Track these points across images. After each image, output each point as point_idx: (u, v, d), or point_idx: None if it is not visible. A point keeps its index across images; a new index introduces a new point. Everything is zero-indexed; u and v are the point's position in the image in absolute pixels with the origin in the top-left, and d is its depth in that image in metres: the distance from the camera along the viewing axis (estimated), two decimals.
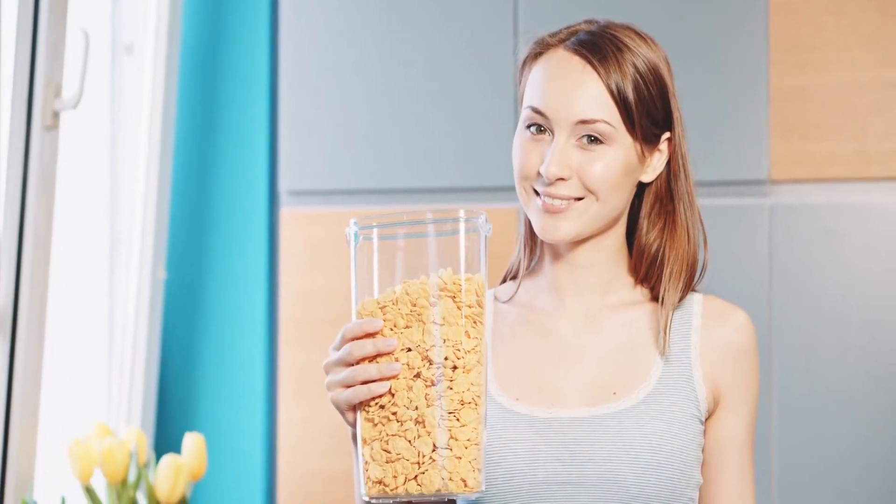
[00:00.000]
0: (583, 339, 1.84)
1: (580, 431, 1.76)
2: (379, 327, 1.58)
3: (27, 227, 2.69)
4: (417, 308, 1.57)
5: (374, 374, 1.58)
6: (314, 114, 3.23)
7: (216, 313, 3.31)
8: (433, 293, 1.57)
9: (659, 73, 1.78)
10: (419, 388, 1.57)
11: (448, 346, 1.57)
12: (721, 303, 1.86)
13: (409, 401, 1.57)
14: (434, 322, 1.57)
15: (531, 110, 1.76)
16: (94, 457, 2.80)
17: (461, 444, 1.56)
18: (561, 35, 1.79)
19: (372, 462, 1.58)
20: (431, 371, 1.56)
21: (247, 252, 3.30)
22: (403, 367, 1.57)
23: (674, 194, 1.84)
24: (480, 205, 3.15)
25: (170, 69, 3.23)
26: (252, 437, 3.27)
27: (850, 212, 3.00)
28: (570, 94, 1.74)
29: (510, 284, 1.91)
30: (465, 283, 1.58)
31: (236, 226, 3.31)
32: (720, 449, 1.82)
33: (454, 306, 1.58)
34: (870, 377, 2.96)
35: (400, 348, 1.57)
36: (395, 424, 1.57)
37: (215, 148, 3.33)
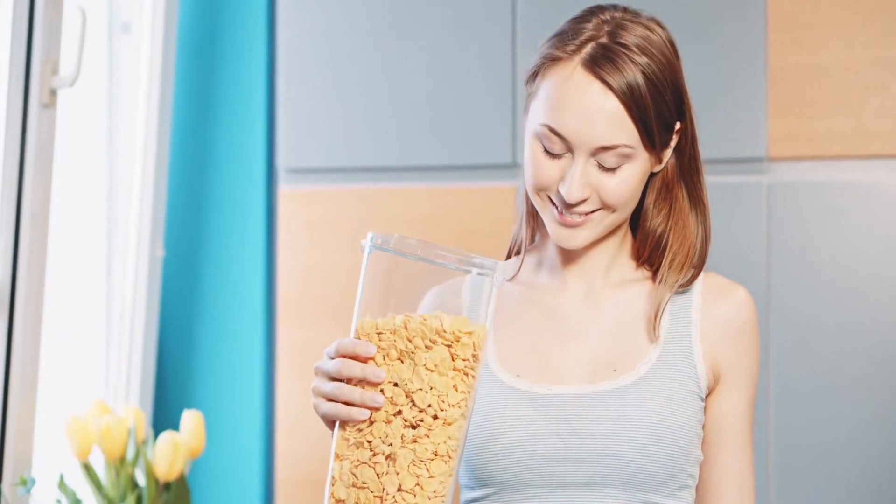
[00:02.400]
0: (584, 316, 1.84)
1: (580, 408, 1.76)
2: (371, 354, 1.57)
3: (24, 205, 2.69)
4: (412, 345, 1.56)
5: (356, 400, 1.57)
6: (312, 91, 3.22)
7: (214, 291, 3.31)
8: (430, 336, 1.56)
9: (672, 68, 1.76)
10: (397, 426, 1.56)
11: (433, 394, 1.55)
12: (721, 280, 1.86)
13: (386, 435, 1.56)
14: (425, 366, 1.56)
15: (548, 130, 1.73)
16: (92, 434, 2.81)
17: (426, 493, 1.55)
18: (573, 45, 1.74)
19: (339, 480, 1.58)
20: (412, 413, 1.56)
21: (245, 230, 3.30)
22: (386, 401, 1.56)
23: (681, 179, 1.83)
24: (478, 182, 3.15)
25: (167, 48, 3.23)
26: (250, 415, 3.27)
27: (848, 189, 2.99)
28: (591, 119, 1.71)
29: (513, 261, 1.91)
30: (466, 335, 1.56)
31: (234, 204, 3.31)
32: (720, 426, 1.82)
33: (448, 356, 1.56)
34: (868, 356, 2.96)
35: (388, 380, 1.56)
36: (368, 453, 1.57)
37: (213, 126, 3.33)
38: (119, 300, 3.21)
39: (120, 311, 3.21)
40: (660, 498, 1.77)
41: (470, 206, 3.14)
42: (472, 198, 3.14)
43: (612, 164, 1.73)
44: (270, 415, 3.28)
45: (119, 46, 3.24)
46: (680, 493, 1.79)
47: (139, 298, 3.21)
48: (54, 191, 2.78)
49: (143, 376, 3.21)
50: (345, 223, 3.19)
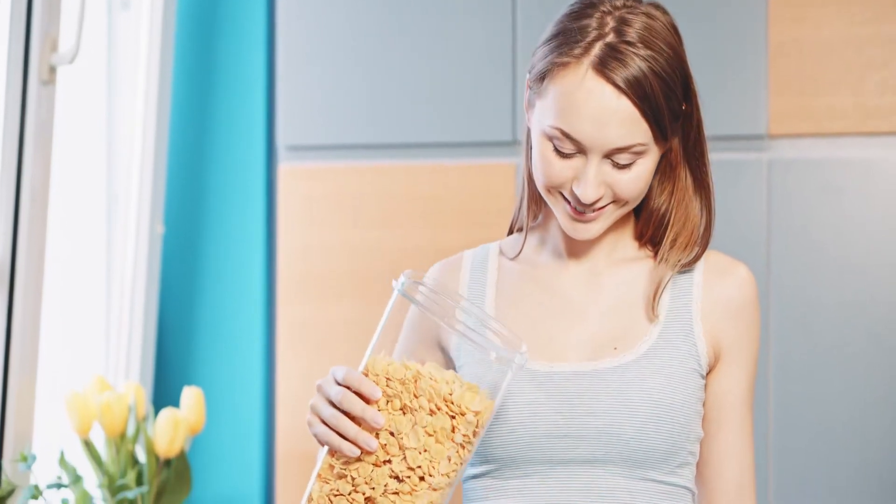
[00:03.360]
0: (585, 294, 1.84)
1: (581, 385, 1.76)
2: (376, 398, 1.57)
3: (24, 181, 2.68)
4: (417, 403, 1.55)
5: (350, 436, 1.57)
6: (312, 68, 3.22)
7: (214, 268, 3.31)
8: (436, 401, 1.56)
9: (678, 56, 1.75)
10: (384, 474, 1.56)
11: (426, 458, 1.55)
12: (723, 258, 1.86)
13: (371, 478, 1.56)
14: (425, 429, 1.56)
15: (561, 133, 1.72)
16: (92, 410, 2.81)
17: None
18: (580, 47, 1.72)
19: (315, 501, 1.59)
20: (401, 467, 1.55)
21: (244, 207, 3.30)
22: (379, 445, 1.56)
23: (686, 161, 1.83)
24: (478, 159, 3.15)
25: (166, 24, 3.22)
26: (250, 391, 3.27)
27: (848, 166, 2.99)
28: (605, 123, 1.70)
29: (516, 237, 1.91)
30: (472, 414, 1.55)
31: (234, 181, 3.31)
32: (720, 404, 1.82)
33: (449, 427, 1.55)
34: (868, 332, 2.96)
35: (385, 427, 1.56)
36: (349, 487, 1.57)
37: (213, 103, 3.32)
38: (119, 277, 3.21)
39: (120, 287, 3.21)
40: (660, 475, 1.77)
41: (470, 183, 3.14)
42: (472, 175, 3.14)
43: (626, 161, 1.72)
44: (270, 391, 3.28)
45: (118, 23, 3.23)
46: (680, 470, 1.79)
47: (139, 275, 3.21)
48: (54, 168, 2.78)
49: (143, 353, 3.21)
50: (345, 200, 3.19)
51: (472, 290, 1.88)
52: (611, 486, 1.76)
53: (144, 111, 3.21)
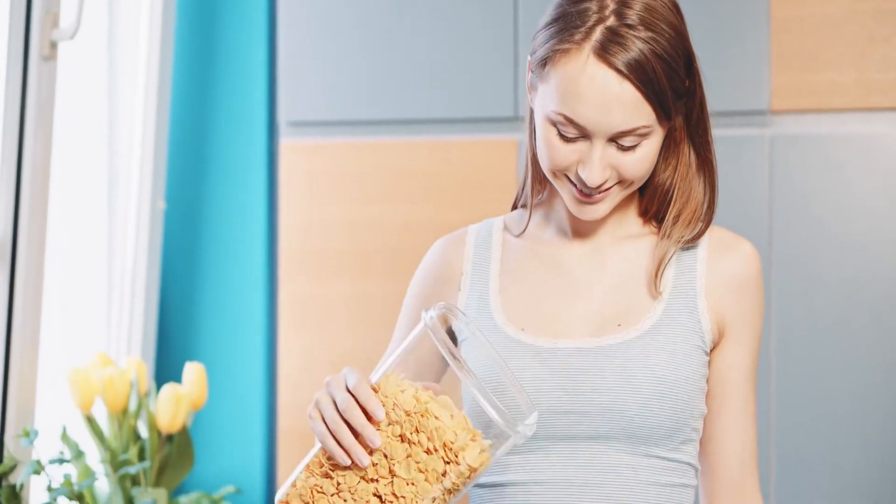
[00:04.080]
0: (589, 271, 1.84)
1: (584, 362, 1.76)
2: (378, 419, 1.56)
3: (25, 158, 2.68)
4: (416, 437, 1.55)
5: (346, 446, 1.56)
6: (313, 44, 3.21)
7: (216, 244, 3.31)
8: (436, 443, 1.55)
9: (681, 36, 1.74)
10: (368, 490, 1.56)
11: (412, 491, 1.55)
12: (726, 234, 1.86)
13: (355, 490, 1.56)
14: (418, 464, 1.55)
15: (564, 118, 1.71)
16: (94, 386, 2.82)
17: None
18: (580, 32, 1.70)
19: (297, 489, 1.59)
20: (387, 490, 1.55)
21: (246, 183, 3.30)
22: (370, 464, 1.56)
23: (689, 138, 1.83)
24: (480, 135, 3.14)
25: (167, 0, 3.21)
26: (252, 367, 3.28)
27: (851, 142, 2.99)
28: (609, 108, 1.69)
29: (520, 213, 1.91)
30: (467, 467, 1.54)
31: (235, 157, 3.31)
32: (724, 380, 1.83)
33: (441, 471, 1.55)
34: (869, 308, 2.96)
35: (380, 448, 1.56)
36: (332, 489, 1.57)
37: (214, 79, 3.32)
38: (121, 253, 3.21)
39: (121, 263, 3.21)
40: (663, 452, 1.77)
41: (471, 159, 3.13)
42: (473, 151, 3.14)
43: (631, 143, 1.72)
44: (272, 367, 3.29)
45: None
46: (684, 446, 1.79)
47: (141, 251, 3.21)
48: (55, 144, 2.77)
49: (144, 329, 3.21)
50: (346, 176, 3.19)
51: (475, 265, 1.88)
52: (614, 463, 1.76)
53: (146, 87, 3.21)
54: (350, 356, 3.12)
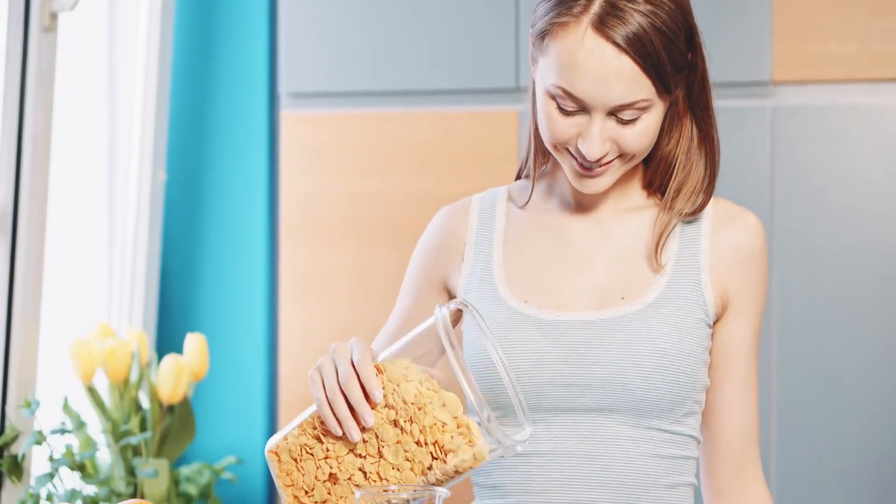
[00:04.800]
0: (592, 243, 1.84)
1: (587, 334, 1.76)
2: (376, 401, 1.55)
3: (26, 129, 2.68)
4: (409, 426, 1.55)
5: (340, 418, 1.56)
6: (314, 15, 3.20)
7: (217, 215, 3.31)
8: (428, 438, 1.54)
9: (681, 8, 1.72)
10: (354, 464, 1.56)
11: (395, 475, 1.55)
12: (731, 206, 1.85)
13: (342, 460, 1.57)
14: (405, 451, 1.55)
15: (563, 91, 1.71)
16: (95, 357, 2.82)
17: None
18: (579, 5, 1.69)
19: (287, 443, 1.60)
20: (372, 468, 1.55)
21: (247, 154, 3.30)
22: (360, 443, 1.55)
23: (691, 112, 1.82)
24: (480, 107, 3.14)
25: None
26: (253, 338, 3.28)
27: (852, 113, 2.98)
28: (607, 82, 1.68)
29: (524, 183, 1.91)
30: (453, 468, 1.53)
31: (236, 128, 3.30)
32: (726, 352, 1.83)
33: (428, 465, 1.54)
34: (870, 279, 2.96)
35: (372, 430, 1.56)
36: (322, 453, 1.58)
37: (215, 50, 3.31)
38: (121, 224, 3.21)
39: (122, 234, 3.21)
40: (665, 424, 1.77)
41: (472, 131, 3.13)
42: (474, 122, 3.13)
43: (630, 117, 1.72)
44: (273, 337, 3.29)
45: None
46: (685, 419, 1.79)
47: (142, 222, 3.21)
48: (56, 115, 2.77)
49: (146, 300, 3.22)
50: (347, 147, 3.18)
51: (479, 235, 1.88)
52: (615, 435, 1.76)
53: (146, 58, 3.20)
54: (351, 327, 3.12)
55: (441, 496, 1.45)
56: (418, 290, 1.92)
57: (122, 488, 2.80)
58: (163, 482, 2.87)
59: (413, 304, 1.92)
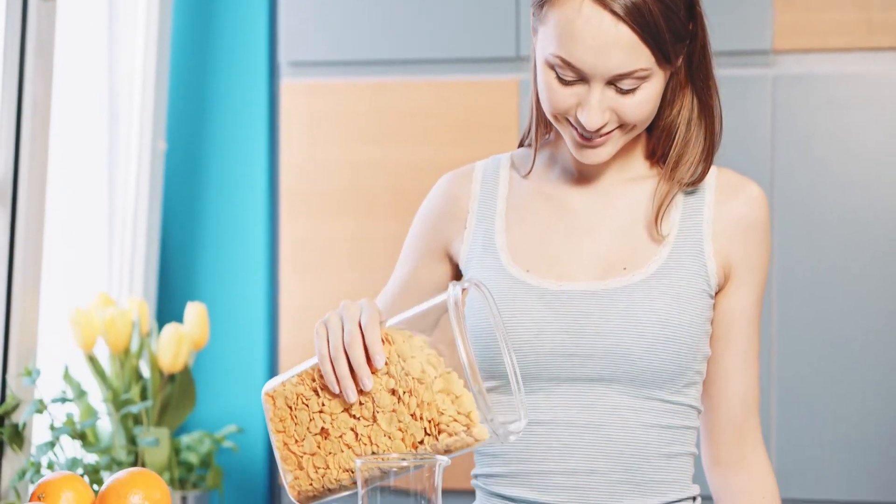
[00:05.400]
0: (595, 213, 1.84)
1: (589, 305, 1.76)
2: (378, 367, 1.55)
3: (26, 98, 2.67)
4: (406, 398, 1.55)
5: (341, 375, 1.56)
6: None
7: (217, 184, 3.31)
8: (424, 414, 1.54)
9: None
10: (346, 423, 1.57)
11: (386, 443, 1.55)
12: (734, 176, 1.85)
13: (335, 417, 1.57)
14: (399, 422, 1.55)
15: (561, 61, 1.70)
16: (96, 326, 2.82)
17: (318, 475, 1.58)
18: None
19: (284, 389, 1.60)
20: (364, 431, 1.55)
21: (247, 123, 3.29)
22: (356, 404, 1.56)
23: (692, 83, 1.82)
24: (481, 76, 3.13)
25: None
26: (254, 307, 3.28)
27: (853, 82, 2.98)
28: (605, 51, 1.68)
29: (526, 151, 1.91)
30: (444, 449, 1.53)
31: (236, 97, 3.30)
32: (728, 323, 1.83)
33: (419, 439, 1.54)
34: (871, 248, 2.96)
35: (369, 394, 1.55)
36: (317, 406, 1.58)
37: (215, 19, 3.30)
38: (122, 193, 3.21)
39: (123, 204, 3.21)
40: (667, 395, 1.78)
41: (472, 100, 3.12)
42: (474, 91, 3.13)
43: (630, 86, 1.71)
44: (273, 306, 3.29)
45: None
46: (687, 389, 1.80)
47: (142, 191, 3.20)
48: (55, 85, 2.76)
49: (146, 269, 3.22)
50: (347, 116, 3.18)
51: (482, 203, 1.88)
52: (616, 404, 1.77)
53: (146, 27, 3.20)
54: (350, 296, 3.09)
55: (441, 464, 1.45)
56: (419, 257, 1.92)
57: (123, 457, 2.81)
58: (163, 451, 2.87)
59: (413, 270, 1.92)
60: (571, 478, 1.77)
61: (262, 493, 3.28)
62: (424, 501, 1.43)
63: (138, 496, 1.41)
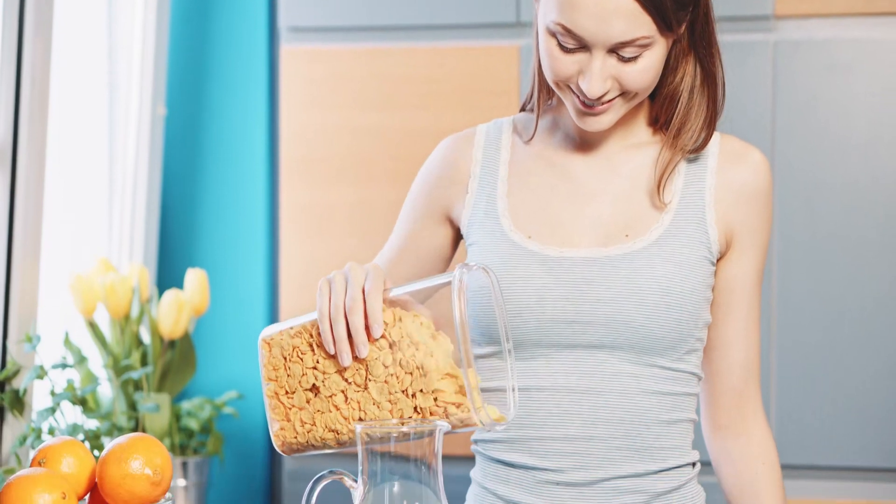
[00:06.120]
0: (598, 179, 1.83)
1: (590, 271, 1.76)
2: (375, 336, 1.55)
3: (25, 63, 2.66)
4: (401, 373, 1.54)
5: (338, 337, 1.55)
6: None
7: (217, 150, 3.30)
8: (418, 399, 1.54)
9: None
10: (338, 385, 1.56)
11: (374, 411, 1.55)
12: (737, 143, 1.85)
13: (327, 377, 1.57)
14: (389, 394, 1.54)
15: (562, 28, 1.70)
16: (96, 292, 2.82)
17: (305, 428, 1.59)
18: None
19: (282, 339, 1.60)
20: (356, 396, 1.55)
21: (247, 89, 3.29)
22: (350, 368, 1.55)
23: (694, 50, 1.81)
24: (481, 41, 3.12)
25: None
26: (254, 273, 3.28)
27: (854, 47, 2.97)
28: (606, 19, 1.67)
29: (528, 116, 1.90)
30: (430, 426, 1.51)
31: (236, 62, 3.29)
32: (730, 289, 1.83)
33: (408, 415, 1.54)
34: (871, 212, 2.96)
35: (364, 361, 1.55)
36: (311, 361, 1.58)
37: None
38: (121, 159, 3.20)
39: (122, 169, 3.20)
40: (667, 362, 1.78)
41: (472, 66, 3.11)
42: (474, 57, 3.12)
43: (632, 54, 1.71)
44: (274, 272, 3.29)
45: None
46: (687, 356, 1.80)
47: (141, 157, 3.20)
48: (54, 49, 2.75)
49: (146, 235, 3.21)
50: (347, 82, 3.17)
51: (484, 167, 1.88)
52: (616, 371, 1.77)
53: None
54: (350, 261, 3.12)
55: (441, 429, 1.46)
56: (419, 219, 1.91)
57: (124, 423, 2.81)
58: (164, 416, 2.88)
59: (412, 233, 1.92)
60: (571, 444, 1.78)
61: (262, 459, 3.28)
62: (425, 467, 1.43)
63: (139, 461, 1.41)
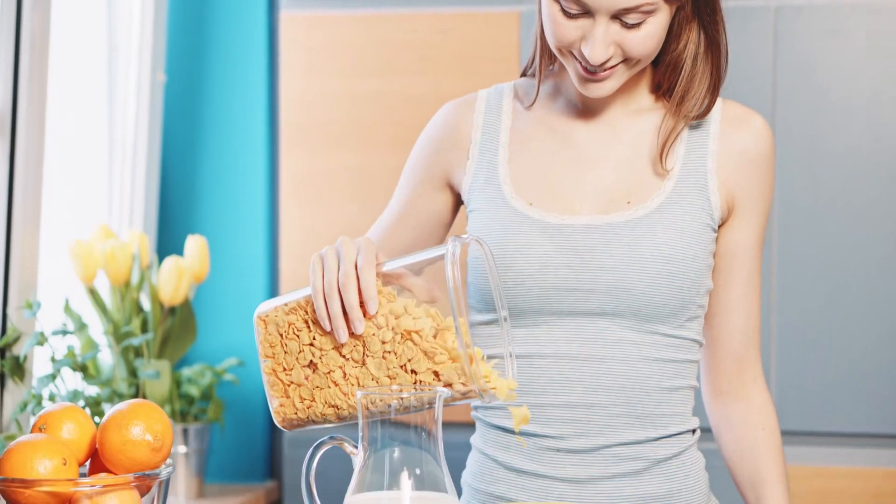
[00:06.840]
0: (600, 145, 1.83)
1: (592, 239, 1.76)
2: (371, 312, 1.53)
3: (24, 30, 2.66)
4: (400, 351, 1.54)
5: (333, 314, 1.54)
6: None
7: (216, 116, 3.29)
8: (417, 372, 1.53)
9: None
10: (335, 362, 1.55)
11: (371, 385, 1.54)
12: (739, 108, 1.84)
13: (324, 353, 1.56)
14: (388, 370, 1.53)
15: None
16: (96, 259, 2.82)
17: (305, 405, 1.58)
18: None
19: (277, 317, 1.59)
20: (354, 372, 1.54)
21: (247, 55, 3.28)
22: (347, 344, 1.54)
23: (698, 17, 1.80)
24: (480, 7, 3.11)
25: None
26: (254, 240, 3.28)
27: (855, 12, 2.96)
28: None
29: (530, 81, 1.89)
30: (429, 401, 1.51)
31: (236, 28, 3.28)
32: (731, 256, 1.83)
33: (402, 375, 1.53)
34: (872, 176, 2.96)
35: (361, 337, 1.54)
36: (307, 338, 1.57)
37: None
38: (121, 125, 3.20)
39: (122, 136, 3.20)
40: (668, 329, 1.78)
41: (472, 32, 3.11)
42: (474, 23, 3.11)
43: (635, 20, 1.70)
44: (274, 239, 3.29)
45: None
46: (689, 323, 1.80)
47: (141, 124, 3.19)
48: (53, 16, 2.75)
49: (146, 202, 3.21)
50: (346, 48, 3.16)
51: (485, 133, 1.87)
52: (618, 338, 1.77)
53: None
54: (351, 229, 3.12)
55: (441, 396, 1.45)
56: (419, 184, 1.91)
57: (124, 389, 2.82)
58: (164, 383, 2.88)
59: (412, 198, 1.91)
60: (572, 411, 1.78)
61: (263, 426, 3.29)
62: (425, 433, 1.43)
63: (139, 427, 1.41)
